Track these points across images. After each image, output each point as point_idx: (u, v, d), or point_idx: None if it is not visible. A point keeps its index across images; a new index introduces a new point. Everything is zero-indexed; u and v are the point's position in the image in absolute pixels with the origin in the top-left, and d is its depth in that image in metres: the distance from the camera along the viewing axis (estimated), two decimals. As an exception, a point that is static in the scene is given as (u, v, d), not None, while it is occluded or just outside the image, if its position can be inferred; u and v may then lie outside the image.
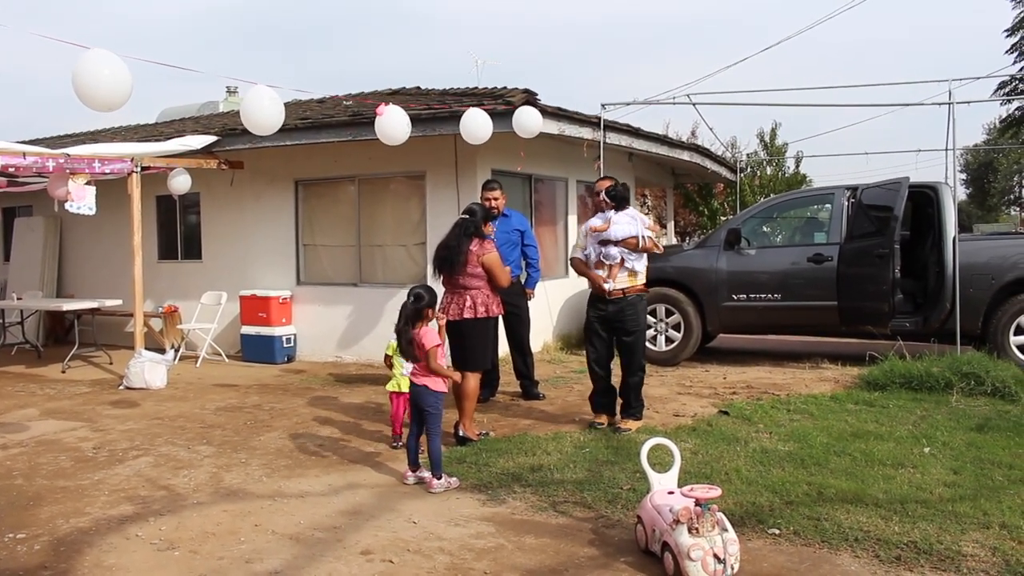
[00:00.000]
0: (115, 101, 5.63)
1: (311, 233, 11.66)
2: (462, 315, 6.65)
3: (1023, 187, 46.66)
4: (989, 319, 9.35)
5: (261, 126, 7.06)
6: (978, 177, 48.77)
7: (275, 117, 7.03)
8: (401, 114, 8.17)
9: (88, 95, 5.52)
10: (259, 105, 6.96)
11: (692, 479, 5.18)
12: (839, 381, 8.86)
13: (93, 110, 5.68)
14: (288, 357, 11.35)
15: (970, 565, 4.09)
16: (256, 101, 6.98)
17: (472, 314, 6.68)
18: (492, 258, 6.77)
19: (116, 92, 5.59)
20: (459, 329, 6.69)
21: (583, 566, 4.17)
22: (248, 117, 7.01)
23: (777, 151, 22.52)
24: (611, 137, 10.87)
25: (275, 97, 7.06)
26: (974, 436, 6.47)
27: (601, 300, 6.98)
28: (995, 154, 43.34)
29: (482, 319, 6.72)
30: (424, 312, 5.73)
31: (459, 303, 6.71)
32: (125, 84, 5.62)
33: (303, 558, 4.35)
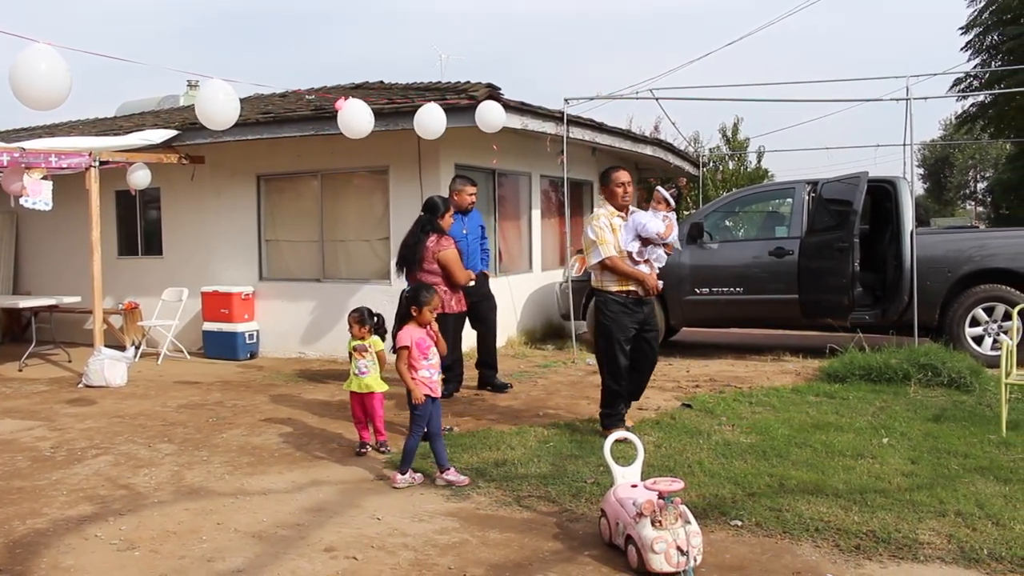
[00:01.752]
0: (51, 99, 5.53)
1: (273, 228, 11.57)
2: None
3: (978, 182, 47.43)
4: (945, 311, 9.50)
5: (216, 121, 6.98)
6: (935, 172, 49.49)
7: (230, 112, 6.95)
8: (363, 106, 8.13)
9: (24, 93, 5.43)
10: (214, 100, 6.88)
11: (655, 472, 5.22)
12: (800, 374, 8.97)
13: (30, 108, 5.57)
14: (251, 354, 11.25)
15: (926, 552, 4.16)
16: (211, 96, 6.90)
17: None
18: (447, 255, 6.76)
19: (52, 90, 5.49)
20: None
21: (547, 560, 4.18)
22: (203, 112, 6.94)
23: (739, 146, 22.68)
24: (574, 132, 10.90)
25: (231, 92, 6.99)
26: (931, 426, 6.58)
27: (637, 303, 6.44)
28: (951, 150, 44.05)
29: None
30: (411, 310, 5.53)
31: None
32: (62, 82, 5.52)
33: (266, 556, 4.31)
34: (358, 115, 8.05)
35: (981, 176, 46.75)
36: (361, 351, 6.28)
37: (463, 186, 8.35)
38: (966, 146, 38.66)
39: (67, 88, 5.58)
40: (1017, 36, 14.59)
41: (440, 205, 7.12)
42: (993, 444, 6.02)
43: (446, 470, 5.43)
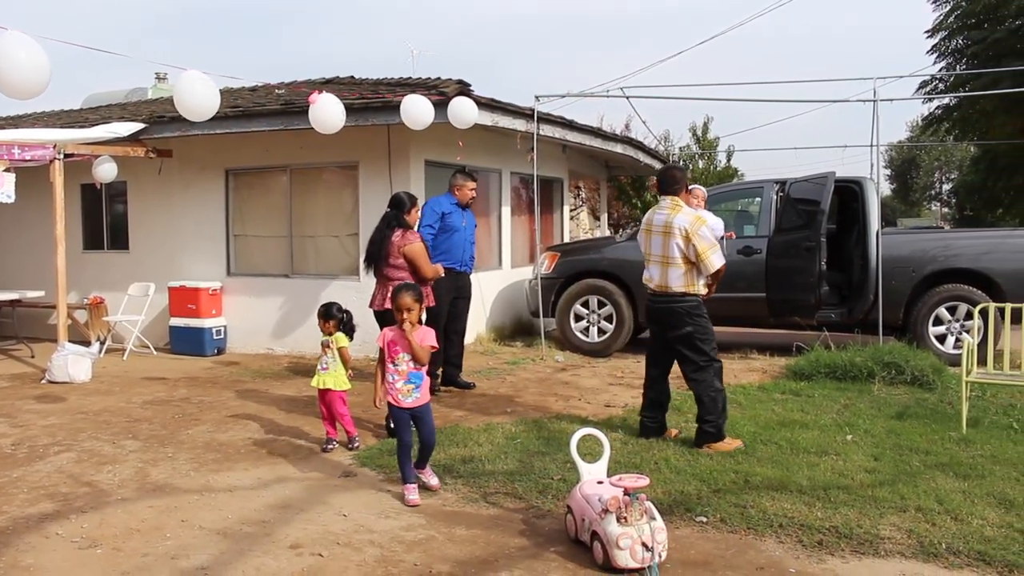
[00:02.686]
0: (32, 88, 5.46)
1: (242, 223, 11.48)
2: (384, 305, 6.61)
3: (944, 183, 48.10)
4: (910, 310, 9.64)
5: (195, 112, 6.92)
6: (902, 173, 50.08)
7: (210, 102, 6.89)
8: (335, 102, 8.08)
9: (3, 81, 5.35)
10: (192, 90, 6.82)
11: (622, 469, 5.24)
12: (767, 371, 9.05)
13: (9, 97, 5.49)
14: (218, 349, 11.17)
15: (887, 547, 4.23)
16: (189, 86, 6.83)
17: (380, 305, 6.74)
18: (412, 249, 6.74)
19: (34, 78, 5.42)
20: (383, 320, 6.63)
21: (513, 556, 4.19)
22: (182, 103, 6.87)
23: (709, 145, 22.85)
24: (545, 129, 10.91)
25: (208, 82, 6.93)
26: (894, 423, 6.67)
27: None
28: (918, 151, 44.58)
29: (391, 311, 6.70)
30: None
31: (383, 294, 6.71)
32: (43, 70, 5.45)
33: (231, 553, 4.29)
34: (330, 110, 8.01)
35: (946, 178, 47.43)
36: (324, 347, 6.26)
37: (464, 181, 8.41)
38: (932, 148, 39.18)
39: (48, 77, 5.50)
40: (981, 40, 14.79)
41: (406, 201, 7.09)
42: (954, 441, 6.11)
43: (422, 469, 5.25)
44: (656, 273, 6.13)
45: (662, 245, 6.06)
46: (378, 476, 5.56)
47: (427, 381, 5.19)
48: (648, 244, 6.20)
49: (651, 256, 6.17)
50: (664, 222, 6.06)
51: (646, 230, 6.25)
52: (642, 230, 6.34)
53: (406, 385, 5.09)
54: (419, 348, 5.02)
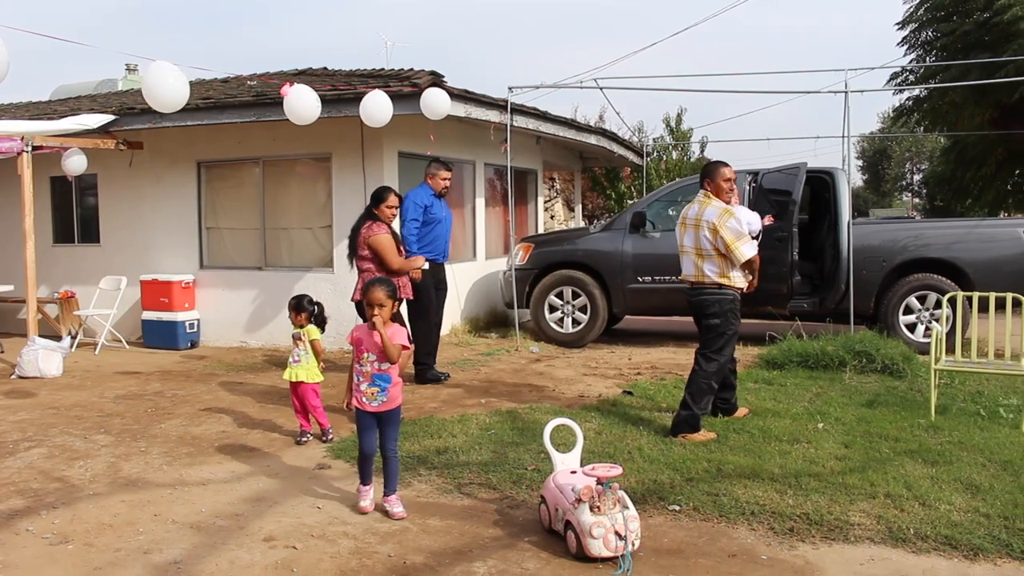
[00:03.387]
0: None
1: (214, 216, 11.40)
2: (358, 297, 6.70)
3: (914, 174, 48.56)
4: (881, 300, 9.74)
5: (164, 103, 6.86)
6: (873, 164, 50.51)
7: (179, 92, 6.84)
8: (309, 92, 8.05)
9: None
10: (162, 81, 6.76)
11: (596, 458, 5.28)
12: (740, 361, 9.04)
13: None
14: (191, 343, 11.10)
15: (857, 533, 4.29)
16: (158, 77, 6.77)
17: (358, 296, 6.76)
18: (376, 240, 6.77)
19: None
20: (358, 311, 6.70)
21: (487, 547, 4.21)
22: (150, 94, 6.81)
23: (682, 136, 22.91)
24: (518, 120, 10.91)
25: (178, 73, 6.87)
26: (864, 411, 6.75)
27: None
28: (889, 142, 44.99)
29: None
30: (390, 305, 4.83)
31: (357, 285, 6.81)
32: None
33: (204, 547, 4.27)
34: (304, 101, 7.97)
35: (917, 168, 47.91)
36: (296, 339, 6.24)
37: (438, 170, 8.39)
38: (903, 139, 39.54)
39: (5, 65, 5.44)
40: (950, 33, 14.91)
41: (382, 193, 7.10)
42: (922, 428, 6.20)
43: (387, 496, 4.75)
44: (691, 265, 6.23)
45: (694, 238, 6.17)
46: (352, 468, 5.52)
47: (398, 384, 4.78)
48: (682, 237, 6.29)
49: (685, 249, 6.27)
50: (695, 215, 6.19)
51: (681, 223, 6.34)
52: (678, 224, 6.42)
53: (370, 387, 4.69)
54: (389, 345, 4.62)
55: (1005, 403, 6.85)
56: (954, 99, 15.50)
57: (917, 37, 15.82)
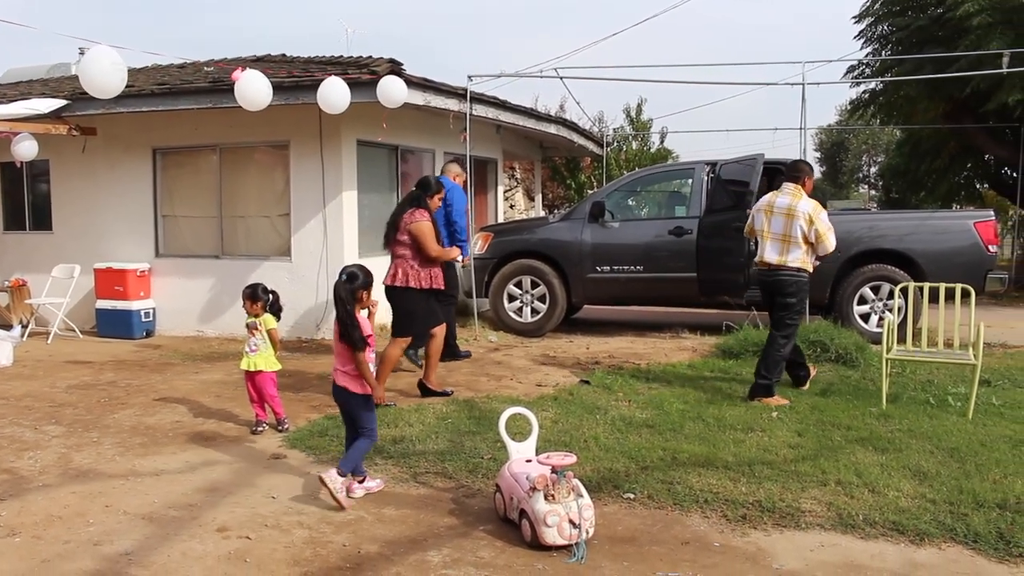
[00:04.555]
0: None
1: (171, 203, 11.24)
2: (385, 281, 6.83)
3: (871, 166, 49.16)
4: (836, 290, 9.87)
5: (101, 89, 6.74)
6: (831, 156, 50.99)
7: (113, 79, 6.71)
8: (260, 78, 7.97)
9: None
10: (99, 67, 6.64)
11: (552, 447, 5.29)
12: (697, 350, 9.19)
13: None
14: (147, 332, 10.95)
15: (808, 520, 4.36)
16: (93, 62, 6.65)
17: (391, 281, 6.84)
18: (419, 227, 6.78)
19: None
20: (391, 295, 6.88)
21: (442, 536, 4.21)
22: (85, 79, 6.69)
23: (642, 126, 23.01)
24: (478, 109, 10.88)
25: (118, 59, 6.74)
26: (818, 400, 6.84)
27: None
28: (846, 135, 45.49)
29: (401, 288, 6.79)
30: (359, 294, 4.82)
31: (391, 270, 6.84)
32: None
33: (156, 538, 4.23)
34: (255, 86, 7.89)
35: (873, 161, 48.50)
36: (252, 329, 6.18)
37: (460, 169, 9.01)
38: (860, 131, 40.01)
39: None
40: (905, 27, 15.09)
41: (432, 184, 7.20)
42: (874, 416, 6.31)
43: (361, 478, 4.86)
44: (775, 250, 6.84)
45: (783, 225, 6.79)
46: (308, 458, 5.53)
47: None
48: (768, 224, 6.87)
49: (770, 234, 6.87)
50: (788, 205, 6.80)
51: (767, 211, 6.90)
52: (760, 211, 6.98)
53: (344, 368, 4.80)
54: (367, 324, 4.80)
55: (954, 391, 6.98)
56: (909, 93, 15.70)
57: (873, 31, 15.97)
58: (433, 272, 6.89)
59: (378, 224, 10.89)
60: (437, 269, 6.96)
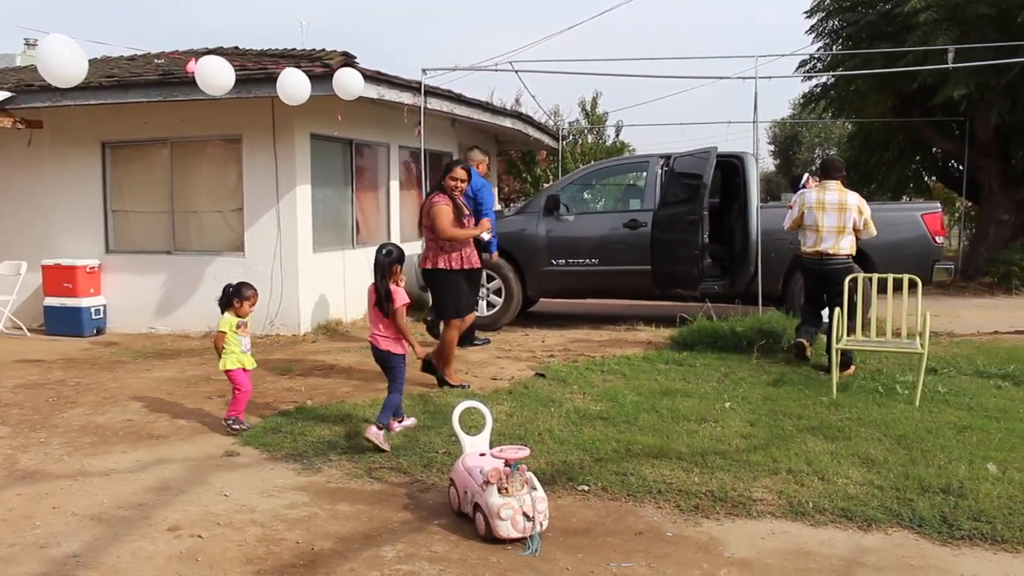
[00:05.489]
0: None
1: (121, 198, 11.05)
2: (423, 264, 7.11)
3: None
4: (788, 281, 9.99)
5: (61, 77, 6.61)
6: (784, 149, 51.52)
7: (76, 67, 6.60)
8: (220, 61, 7.86)
9: None
10: (57, 54, 6.51)
11: (506, 440, 5.30)
12: (652, 342, 9.26)
13: None
14: (97, 329, 10.77)
15: (759, 508, 4.42)
16: (53, 50, 6.52)
17: (424, 264, 7.08)
18: (434, 210, 6.96)
19: None
20: (429, 277, 7.19)
21: (396, 531, 4.20)
22: (45, 67, 6.56)
23: (598, 120, 23.09)
24: (432, 103, 10.84)
25: (75, 46, 6.62)
26: (770, 390, 6.93)
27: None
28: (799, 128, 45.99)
29: (429, 270, 7.03)
30: (393, 267, 5.70)
31: (424, 253, 7.09)
32: None
33: (105, 539, 4.17)
34: (217, 70, 7.77)
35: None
36: (243, 328, 6.13)
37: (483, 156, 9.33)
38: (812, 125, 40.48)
39: None
40: (855, 23, 15.30)
41: (450, 165, 7.29)
42: (824, 405, 6.40)
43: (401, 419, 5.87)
44: (831, 241, 7.64)
45: (837, 218, 7.61)
46: (261, 455, 5.48)
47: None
48: (822, 218, 7.64)
49: (826, 228, 7.64)
50: (838, 200, 7.64)
51: (818, 207, 7.66)
52: (812, 207, 7.69)
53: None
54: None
55: (902, 380, 7.11)
56: (859, 87, 15.92)
57: (824, 26, 16.16)
58: (465, 253, 7.13)
59: (333, 219, 10.90)
60: (469, 250, 7.19)
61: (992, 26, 13.32)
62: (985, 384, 7.17)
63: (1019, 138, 14.81)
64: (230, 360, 6.08)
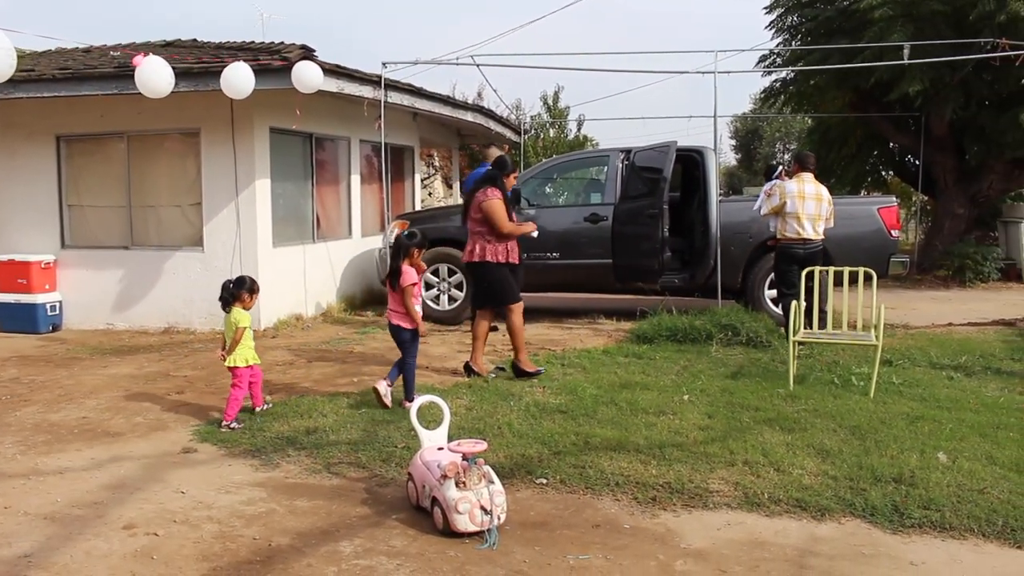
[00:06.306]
0: None
1: (77, 193, 10.88)
2: (465, 258, 7.25)
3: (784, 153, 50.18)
4: (747, 275, 10.09)
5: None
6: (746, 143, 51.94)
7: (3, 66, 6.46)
8: (161, 64, 7.76)
9: None
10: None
11: (466, 434, 5.31)
12: (612, 336, 9.31)
13: None
14: (53, 326, 10.61)
15: (715, 500, 4.47)
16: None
17: (470, 258, 7.13)
18: (489, 204, 7.04)
19: None
20: (474, 271, 7.35)
21: (354, 526, 4.20)
22: None
23: (560, 114, 23.13)
24: (393, 96, 10.80)
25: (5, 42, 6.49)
26: (728, 383, 7.00)
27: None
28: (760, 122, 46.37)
29: (478, 263, 7.15)
30: (411, 251, 6.23)
31: (468, 246, 7.25)
32: None
33: (58, 538, 4.12)
34: (157, 73, 7.69)
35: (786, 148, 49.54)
36: None
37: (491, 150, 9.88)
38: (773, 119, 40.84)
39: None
40: (814, 18, 15.46)
41: (508, 164, 7.41)
42: (781, 397, 6.48)
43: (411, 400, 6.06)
44: (812, 228, 8.56)
45: (815, 207, 8.58)
46: (220, 451, 5.44)
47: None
48: (803, 207, 8.53)
49: (807, 215, 8.54)
50: (815, 191, 8.63)
51: (800, 197, 8.54)
52: (795, 197, 8.53)
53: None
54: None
55: (857, 371, 7.21)
56: (818, 82, 16.08)
57: (783, 21, 16.28)
58: (509, 247, 7.24)
59: (293, 213, 10.82)
60: (513, 244, 7.31)
61: (946, 23, 13.52)
62: (938, 375, 7.30)
63: (973, 134, 15.04)
64: (240, 357, 6.08)
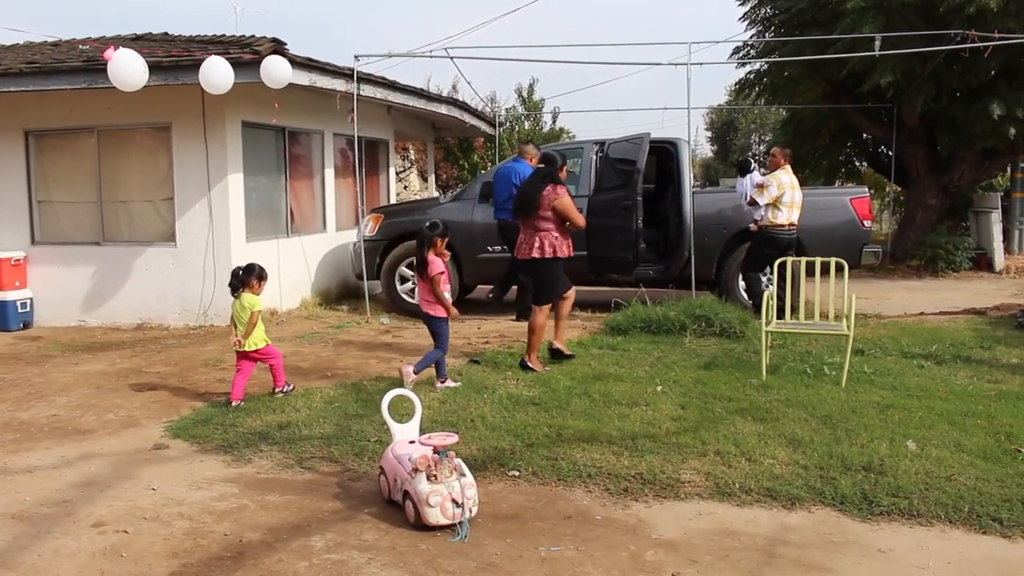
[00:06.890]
0: None
1: (47, 189, 10.76)
2: (531, 254, 7.22)
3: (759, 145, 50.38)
4: (721, 266, 10.13)
5: None
6: (721, 135, 52.13)
7: None
8: (135, 56, 7.68)
9: None
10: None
11: (439, 427, 5.31)
12: (587, 327, 9.32)
13: None
14: (24, 324, 10.49)
15: (687, 490, 4.49)
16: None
17: (540, 254, 7.14)
18: (563, 202, 7.19)
19: None
20: (529, 267, 7.36)
21: (326, 520, 4.19)
22: None
23: (535, 106, 23.11)
24: (366, 89, 10.74)
25: None
26: (701, 373, 7.03)
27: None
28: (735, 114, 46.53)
29: (549, 259, 7.19)
30: (434, 240, 6.51)
31: (530, 243, 7.22)
32: None
33: (26, 537, 4.08)
34: (130, 66, 7.62)
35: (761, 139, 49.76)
36: None
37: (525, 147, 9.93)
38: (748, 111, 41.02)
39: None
40: (787, 10, 15.50)
41: (558, 158, 7.52)
42: (754, 387, 6.51)
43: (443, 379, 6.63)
44: (797, 215, 9.31)
45: (800, 196, 9.33)
46: (191, 447, 5.41)
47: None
48: (792, 195, 9.27)
49: (794, 203, 9.29)
50: (793, 181, 9.35)
51: (792, 187, 9.27)
52: (788, 187, 9.22)
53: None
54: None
55: (829, 361, 7.26)
56: (791, 74, 16.14)
57: (757, 13, 16.34)
58: (569, 242, 7.35)
59: (267, 208, 10.76)
60: (571, 239, 7.41)
61: (917, 15, 13.61)
62: (909, 364, 7.36)
63: (944, 125, 15.15)
64: (260, 337, 6.41)
